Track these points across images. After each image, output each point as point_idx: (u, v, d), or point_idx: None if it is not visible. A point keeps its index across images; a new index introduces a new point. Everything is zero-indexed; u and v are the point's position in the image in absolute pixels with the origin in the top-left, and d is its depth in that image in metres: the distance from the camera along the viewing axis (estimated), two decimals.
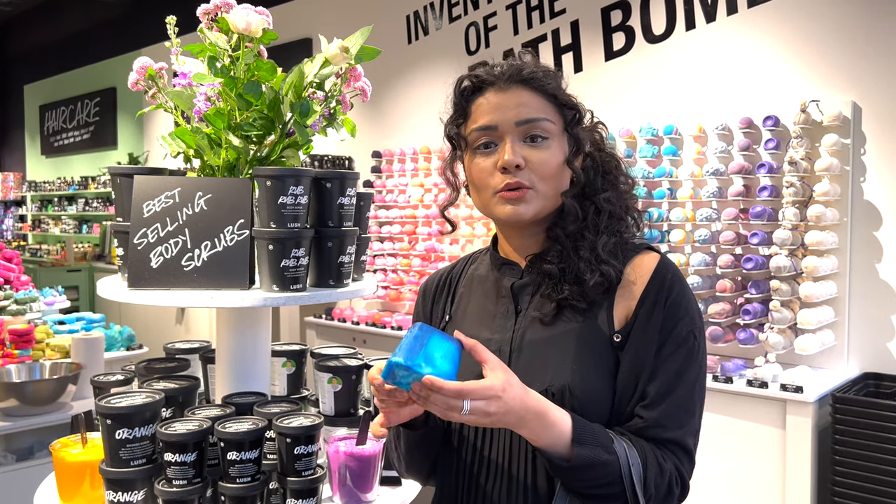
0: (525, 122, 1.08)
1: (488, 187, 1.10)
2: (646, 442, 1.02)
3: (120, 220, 1.47)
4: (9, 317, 3.42)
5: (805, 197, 3.30)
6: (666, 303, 1.05)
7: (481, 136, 1.11)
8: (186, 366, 1.65)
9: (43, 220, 10.23)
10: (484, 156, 1.11)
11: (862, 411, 2.88)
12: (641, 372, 1.03)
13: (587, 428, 0.99)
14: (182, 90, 1.50)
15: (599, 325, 1.06)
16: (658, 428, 1.02)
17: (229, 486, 1.27)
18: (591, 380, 1.04)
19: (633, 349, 1.04)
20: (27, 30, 10.56)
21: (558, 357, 1.05)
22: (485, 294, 1.19)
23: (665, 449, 1.03)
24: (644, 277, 1.07)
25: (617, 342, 1.05)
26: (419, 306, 1.30)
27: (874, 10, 3.29)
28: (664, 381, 1.03)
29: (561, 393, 1.03)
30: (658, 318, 1.04)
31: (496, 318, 1.14)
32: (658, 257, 1.09)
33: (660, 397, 1.02)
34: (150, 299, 1.32)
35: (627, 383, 1.04)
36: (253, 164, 1.46)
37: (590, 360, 1.05)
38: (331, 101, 1.50)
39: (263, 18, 1.42)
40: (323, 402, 1.57)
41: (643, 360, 1.03)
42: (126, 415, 1.26)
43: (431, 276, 1.32)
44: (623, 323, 1.06)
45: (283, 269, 1.34)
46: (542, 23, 4.50)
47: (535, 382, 1.03)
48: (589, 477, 0.98)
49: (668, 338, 1.04)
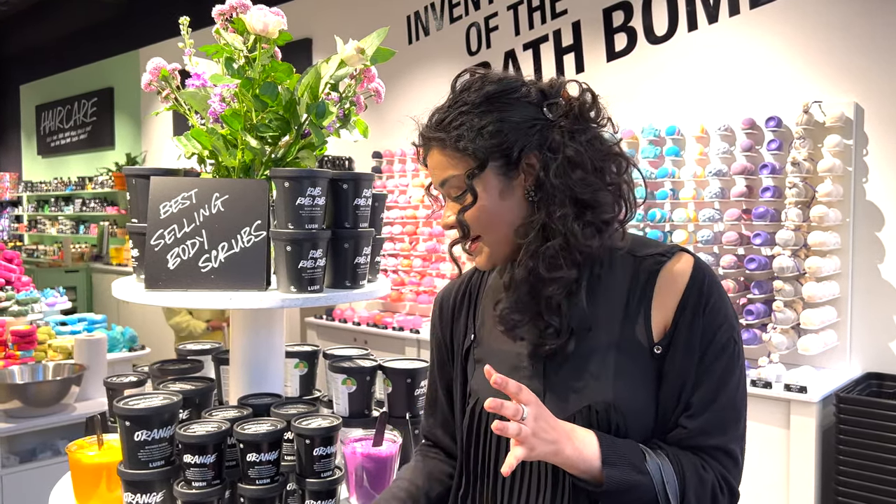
0: (442, 184, 1.06)
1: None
2: (687, 453, 1.00)
3: (135, 222, 1.46)
4: (10, 318, 3.41)
5: (808, 197, 3.31)
6: (705, 310, 1.01)
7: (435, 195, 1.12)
8: (200, 367, 1.65)
9: (39, 221, 10.18)
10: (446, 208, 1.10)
11: (866, 411, 2.89)
12: (685, 383, 1.00)
13: (615, 447, 0.96)
14: (196, 91, 1.50)
15: (638, 335, 1.02)
16: (702, 436, 1.00)
17: (248, 488, 1.27)
18: (636, 394, 1.01)
19: (675, 360, 1.01)
20: (23, 29, 10.51)
21: (599, 371, 1.01)
22: None
23: (708, 457, 1.00)
24: (680, 284, 1.02)
25: (658, 353, 1.01)
26: (436, 325, 1.23)
27: (876, 11, 3.30)
28: (708, 390, 1.00)
29: (606, 410, 0.99)
30: (698, 326, 1.01)
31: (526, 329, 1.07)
32: (692, 260, 1.05)
33: (704, 406, 1.00)
34: (168, 301, 1.32)
35: (671, 395, 1.01)
36: (268, 165, 1.46)
37: (632, 373, 1.01)
38: (345, 103, 1.50)
39: (279, 20, 1.41)
40: (337, 403, 1.57)
41: (686, 371, 1.00)
42: (144, 416, 1.26)
43: (447, 288, 1.24)
44: (662, 332, 1.02)
45: (301, 271, 1.34)
46: (544, 23, 4.51)
47: (576, 398, 1.01)
48: (624, 501, 0.96)
49: (709, 346, 1.01)
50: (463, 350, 1.17)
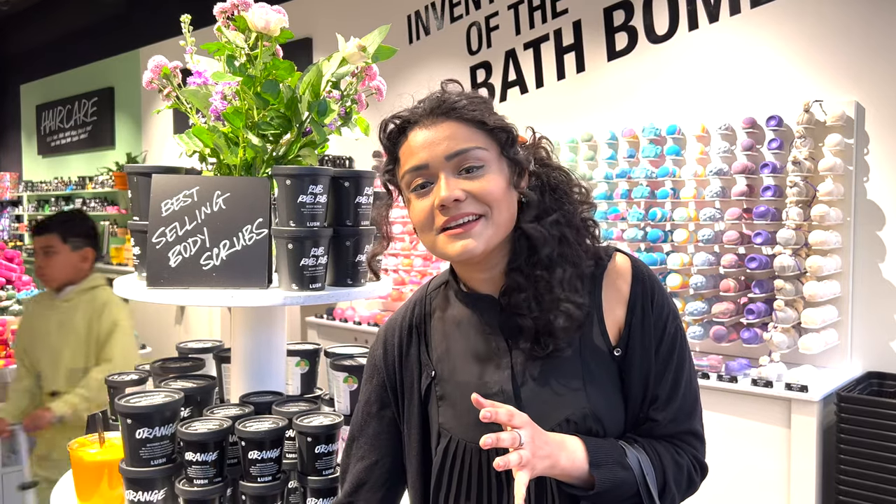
0: (455, 155, 1.02)
1: (431, 228, 1.04)
2: (659, 442, 1.04)
3: (137, 220, 1.46)
4: (11, 317, 3.42)
5: (808, 197, 3.31)
6: (653, 306, 1.06)
7: (415, 177, 1.05)
8: (201, 365, 1.65)
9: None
10: (421, 197, 1.05)
11: (867, 410, 2.89)
12: (648, 377, 1.05)
13: (600, 447, 0.99)
14: (197, 89, 1.49)
15: (596, 341, 1.05)
16: (671, 424, 1.05)
17: (250, 486, 1.27)
18: (608, 398, 1.04)
19: (636, 359, 1.05)
20: (24, 29, 10.51)
21: (568, 382, 1.03)
22: (467, 336, 1.10)
23: (680, 441, 1.06)
24: (625, 284, 1.07)
25: (618, 355, 1.05)
26: (378, 366, 1.18)
27: (878, 11, 3.30)
28: (670, 380, 1.05)
29: (583, 419, 1.01)
30: (649, 323, 1.06)
31: (489, 357, 1.07)
32: (628, 259, 1.09)
33: (669, 396, 1.05)
34: (169, 299, 1.32)
35: (637, 391, 1.05)
36: (269, 163, 1.46)
37: (599, 378, 1.04)
38: (347, 101, 1.50)
39: (281, 17, 1.41)
40: (338, 401, 1.57)
41: (647, 367, 1.05)
42: (146, 414, 1.26)
43: (389, 324, 1.21)
44: (617, 334, 1.06)
45: (303, 269, 1.34)
46: (545, 23, 4.51)
47: (551, 414, 1.01)
48: (611, 499, 0.98)
49: (662, 339, 1.06)
50: (420, 389, 1.12)
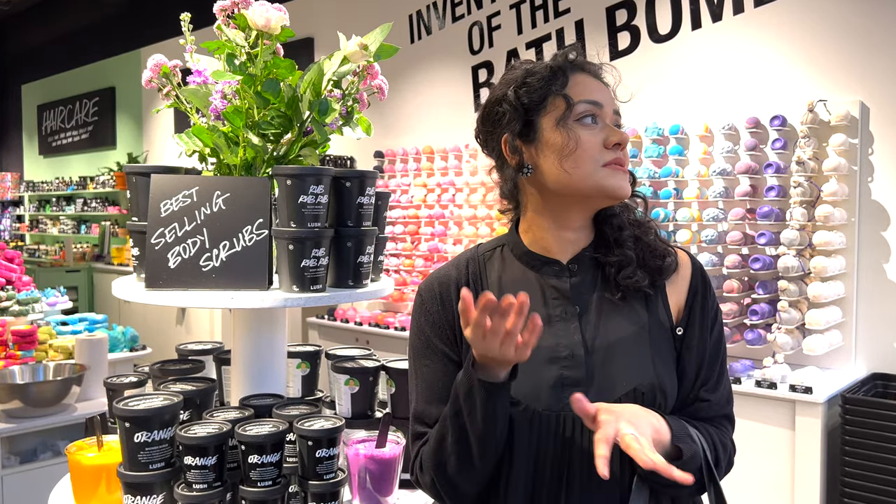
0: (617, 113, 1.13)
1: (593, 160, 1.07)
2: (705, 423, 1.10)
3: (136, 220, 1.45)
4: (11, 318, 3.40)
5: (812, 197, 3.29)
6: (706, 291, 1.15)
7: (590, 109, 1.09)
8: (201, 367, 1.63)
9: (41, 221, 10.18)
10: (589, 129, 1.08)
11: (871, 412, 2.87)
12: (703, 359, 1.11)
13: (676, 423, 1.03)
14: (197, 88, 1.48)
15: (661, 318, 1.11)
16: (718, 406, 1.12)
17: (250, 490, 1.25)
18: (670, 374, 1.09)
19: (693, 340, 1.11)
20: (25, 29, 10.51)
21: (639, 355, 1.07)
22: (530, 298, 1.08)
23: (720, 426, 1.12)
24: (686, 270, 1.16)
25: (679, 334, 1.11)
26: (437, 312, 1.13)
27: (882, 10, 3.28)
28: (720, 365, 1.13)
29: (651, 390, 1.05)
30: (706, 309, 1.14)
31: (552, 321, 1.09)
32: (685, 251, 1.19)
33: (718, 380, 1.13)
34: (169, 300, 1.30)
35: (691, 371, 1.11)
36: (270, 162, 1.44)
37: (664, 353, 1.10)
38: (348, 100, 1.49)
39: (282, 15, 1.40)
40: (340, 403, 1.55)
41: (703, 349, 1.12)
42: (144, 417, 1.24)
43: (438, 278, 1.16)
44: (678, 315, 1.13)
45: (304, 270, 1.32)
46: (547, 22, 4.49)
47: (621, 383, 1.05)
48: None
49: (713, 325, 1.14)
50: None
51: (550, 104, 1.09)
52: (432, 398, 1.12)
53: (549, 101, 1.09)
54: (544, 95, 1.09)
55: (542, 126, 1.09)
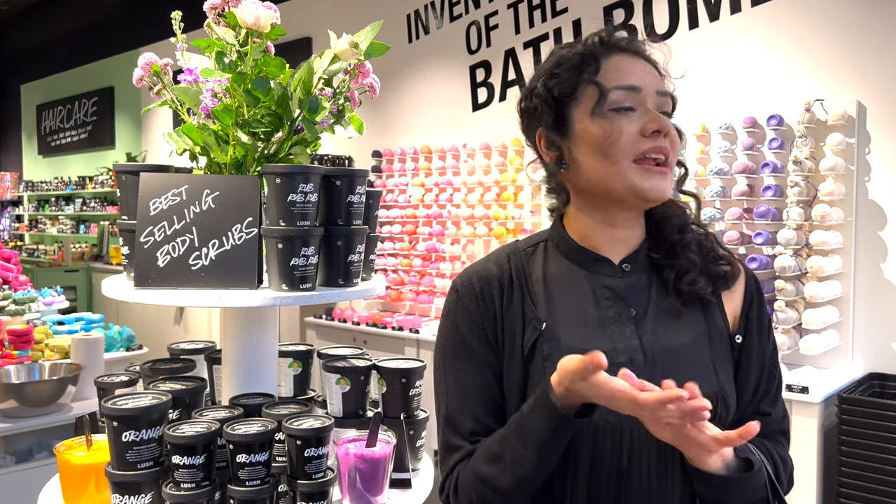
0: (664, 94, 1.00)
1: (626, 153, 0.96)
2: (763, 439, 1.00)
3: (125, 219, 1.44)
4: (7, 317, 3.39)
5: (809, 196, 3.29)
6: (762, 302, 1.10)
7: (625, 97, 0.97)
8: (192, 366, 1.63)
9: (40, 221, 10.18)
10: (626, 117, 0.97)
11: (868, 412, 2.86)
12: (763, 369, 1.06)
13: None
14: (188, 86, 1.47)
15: (719, 325, 1.05)
16: (776, 421, 1.06)
17: (239, 489, 1.25)
18: (731, 383, 1.03)
19: (752, 350, 1.06)
20: (24, 29, 10.51)
21: (700, 362, 1.00)
22: (576, 296, 1.03)
23: (778, 441, 1.06)
24: (741, 276, 1.08)
25: (738, 343, 1.06)
26: (477, 310, 1.04)
27: (879, 9, 3.27)
28: (776, 378, 1.08)
29: (714, 399, 0.96)
30: (762, 317, 1.08)
31: (605, 324, 1.00)
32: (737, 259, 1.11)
33: (777, 392, 1.08)
34: (157, 299, 1.30)
35: (751, 382, 1.05)
36: (261, 161, 1.44)
37: (724, 363, 1.03)
38: (339, 98, 1.48)
39: (272, 13, 1.39)
40: (331, 403, 1.55)
41: (763, 359, 1.06)
42: (132, 417, 1.24)
43: (481, 271, 1.07)
44: (735, 322, 1.07)
45: (293, 268, 1.32)
46: (544, 22, 4.48)
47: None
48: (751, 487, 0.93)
49: (768, 335, 1.09)
50: (524, 344, 1.01)
51: (582, 94, 0.99)
52: (466, 406, 1.03)
53: (581, 90, 0.99)
54: (575, 85, 0.99)
55: (574, 118, 0.99)
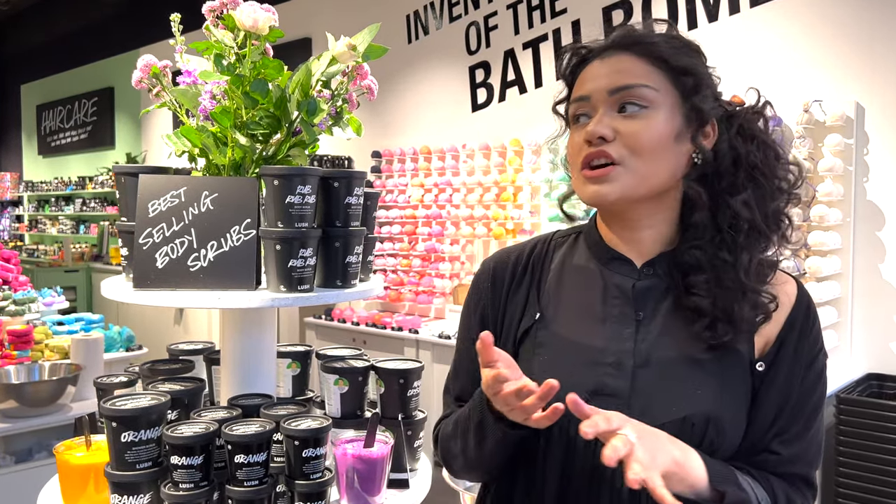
0: (619, 90, 0.94)
1: (576, 164, 0.97)
2: (774, 477, 0.95)
3: (124, 220, 1.45)
4: (7, 317, 3.40)
5: (808, 197, 3.28)
6: (811, 331, 0.97)
7: (577, 108, 0.99)
8: (191, 367, 1.63)
9: (40, 221, 10.19)
10: (575, 130, 0.98)
11: (867, 412, 2.87)
12: (785, 405, 0.95)
13: (714, 464, 0.90)
14: (187, 88, 1.48)
15: (739, 349, 0.95)
16: (791, 464, 0.96)
17: (237, 490, 1.25)
18: (737, 411, 0.94)
19: (778, 380, 0.95)
20: (24, 29, 10.52)
21: (699, 381, 0.93)
22: (586, 289, 1.02)
23: (792, 485, 0.96)
24: (787, 302, 0.98)
25: (759, 370, 0.95)
26: (485, 294, 1.08)
27: (877, 10, 3.28)
28: (806, 418, 0.96)
29: (704, 423, 0.91)
30: (804, 349, 0.96)
31: (607, 322, 0.98)
32: (794, 280, 1.01)
33: (799, 433, 0.95)
34: (156, 300, 1.30)
35: (766, 415, 0.95)
36: (259, 163, 1.45)
37: (735, 387, 0.94)
38: (337, 100, 1.49)
39: (270, 16, 1.40)
40: (329, 403, 1.55)
41: (788, 394, 0.95)
42: (131, 417, 1.24)
43: (499, 257, 1.11)
44: (764, 349, 0.96)
45: (291, 270, 1.32)
46: (543, 22, 4.49)
47: (669, 407, 0.92)
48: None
49: (809, 370, 0.96)
50: (520, 329, 1.03)
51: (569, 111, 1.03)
52: (457, 374, 1.13)
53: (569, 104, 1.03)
54: (566, 99, 1.04)
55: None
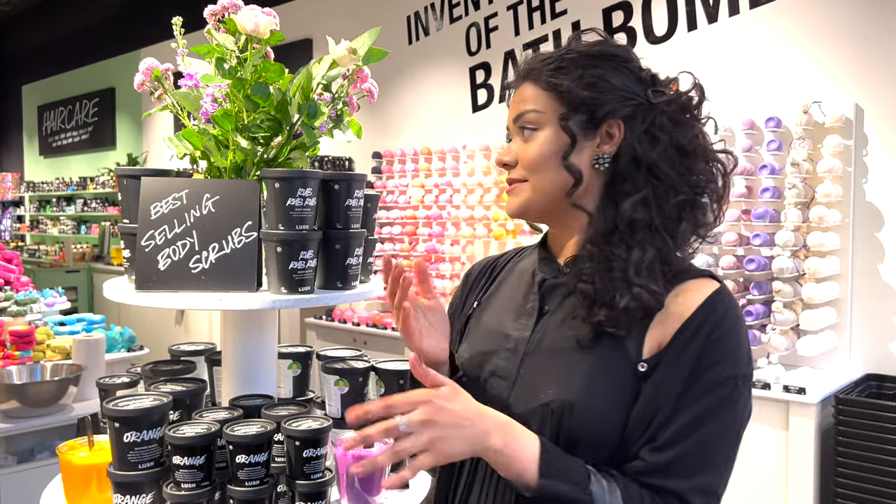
0: (517, 118, 1.06)
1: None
2: (643, 489, 0.89)
3: (126, 222, 1.46)
4: (9, 318, 3.41)
5: (807, 198, 3.30)
6: (709, 337, 0.90)
7: (506, 137, 1.13)
8: (192, 368, 1.64)
9: (41, 221, 10.21)
10: None
11: (865, 413, 2.88)
12: (659, 410, 0.89)
13: (559, 460, 0.88)
14: (188, 91, 1.49)
15: (626, 347, 0.93)
16: (660, 475, 0.88)
17: (238, 490, 1.26)
18: (601, 404, 0.91)
19: (656, 382, 0.90)
20: (25, 29, 10.53)
21: (570, 370, 0.95)
22: (518, 286, 1.14)
23: (663, 501, 0.88)
24: (692, 305, 0.92)
25: (641, 372, 0.91)
26: (458, 292, 1.28)
27: (877, 11, 3.29)
28: (681, 426, 0.88)
29: (561, 410, 0.92)
30: (694, 352, 0.90)
31: (520, 314, 1.08)
32: (716, 286, 0.94)
33: (671, 443, 0.88)
34: (158, 302, 1.32)
35: (641, 420, 0.90)
36: (260, 165, 1.46)
37: (605, 382, 0.92)
38: (338, 103, 1.50)
39: (271, 20, 1.41)
40: (329, 404, 1.56)
41: (664, 398, 0.90)
42: (134, 418, 1.25)
43: (481, 261, 1.30)
44: (654, 351, 0.92)
45: (292, 272, 1.33)
46: (544, 23, 4.50)
47: (541, 393, 0.96)
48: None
49: (699, 379, 0.89)
50: (465, 317, 1.21)
51: None
52: None
53: None
54: None
55: None
